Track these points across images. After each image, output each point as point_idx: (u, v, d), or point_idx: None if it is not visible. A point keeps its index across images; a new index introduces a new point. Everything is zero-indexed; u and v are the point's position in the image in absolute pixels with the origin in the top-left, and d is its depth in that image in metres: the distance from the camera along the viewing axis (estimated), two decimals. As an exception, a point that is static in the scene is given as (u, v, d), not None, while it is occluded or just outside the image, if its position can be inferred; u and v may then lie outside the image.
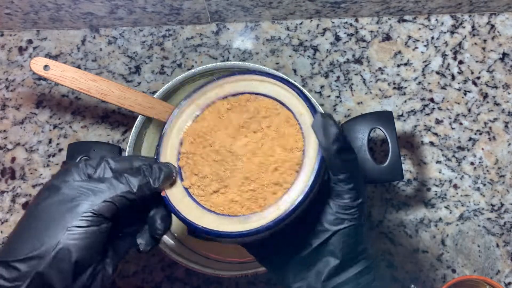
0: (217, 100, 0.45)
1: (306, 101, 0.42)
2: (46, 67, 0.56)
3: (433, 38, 0.69)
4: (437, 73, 0.68)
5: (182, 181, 0.44)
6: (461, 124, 0.67)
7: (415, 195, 0.65)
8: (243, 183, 0.42)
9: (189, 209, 0.42)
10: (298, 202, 0.39)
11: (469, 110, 0.67)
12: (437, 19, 0.70)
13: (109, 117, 0.69)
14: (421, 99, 0.67)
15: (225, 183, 0.42)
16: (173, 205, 0.42)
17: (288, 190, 0.40)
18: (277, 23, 0.70)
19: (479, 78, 0.68)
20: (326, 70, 0.69)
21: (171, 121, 0.46)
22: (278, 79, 0.44)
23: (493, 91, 0.67)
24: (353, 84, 0.68)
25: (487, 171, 0.65)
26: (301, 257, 0.42)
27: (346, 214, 0.41)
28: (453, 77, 0.68)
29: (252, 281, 0.64)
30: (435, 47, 0.69)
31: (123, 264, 0.65)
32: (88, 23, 0.70)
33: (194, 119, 0.46)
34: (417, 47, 0.69)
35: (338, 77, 0.68)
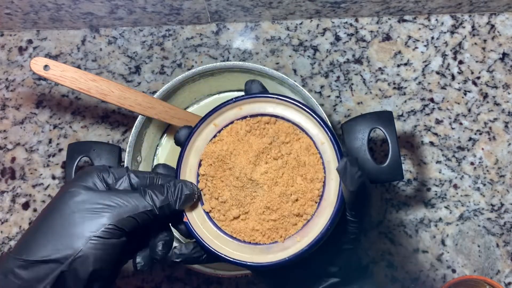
0: (235, 120, 0.45)
1: (329, 132, 0.42)
2: (46, 67, 0.56)
3: (433, 38, 0.69)
4: (437, 73, 0.68)
5: (202, 204, 0.44)
6: (461, 124, 0.67)
7: (415, 195, 0.65)
8: (264, 212, 0.42)
9: (210, 235, 0.43)
10: (319, 236, 0.40)
11: (469, 110, 0.67)
12: (437, 19, 0.69)
13: (109, 117, 0.69)
14: (421, 99, 0.67)
15: (245, 209, 0.43)
16: (196, 232, 0.42)
17: (308, 221, 0.41)
18: (277, 23, 0.70)
19: (479, 78, 0.68)
20: (326, 70, 0.69)
21: (188, 141, 0.45)
22: (299, 104, 0.43)
23: (493, 91, 0.67)
24: (353, 84, 0.68)
25: (487, 171, 0.65)
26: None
27: (346, 238, 0.44)
28: (453, 77, 0.68)
29: (252, 281, 0.64)
30: (435, 47, 0.69)
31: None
32: (88, 23, 0.70)
33: (212, 140, 0.45)
34: (417, 47, 0.69)
35: (338, 77, 0.68)
